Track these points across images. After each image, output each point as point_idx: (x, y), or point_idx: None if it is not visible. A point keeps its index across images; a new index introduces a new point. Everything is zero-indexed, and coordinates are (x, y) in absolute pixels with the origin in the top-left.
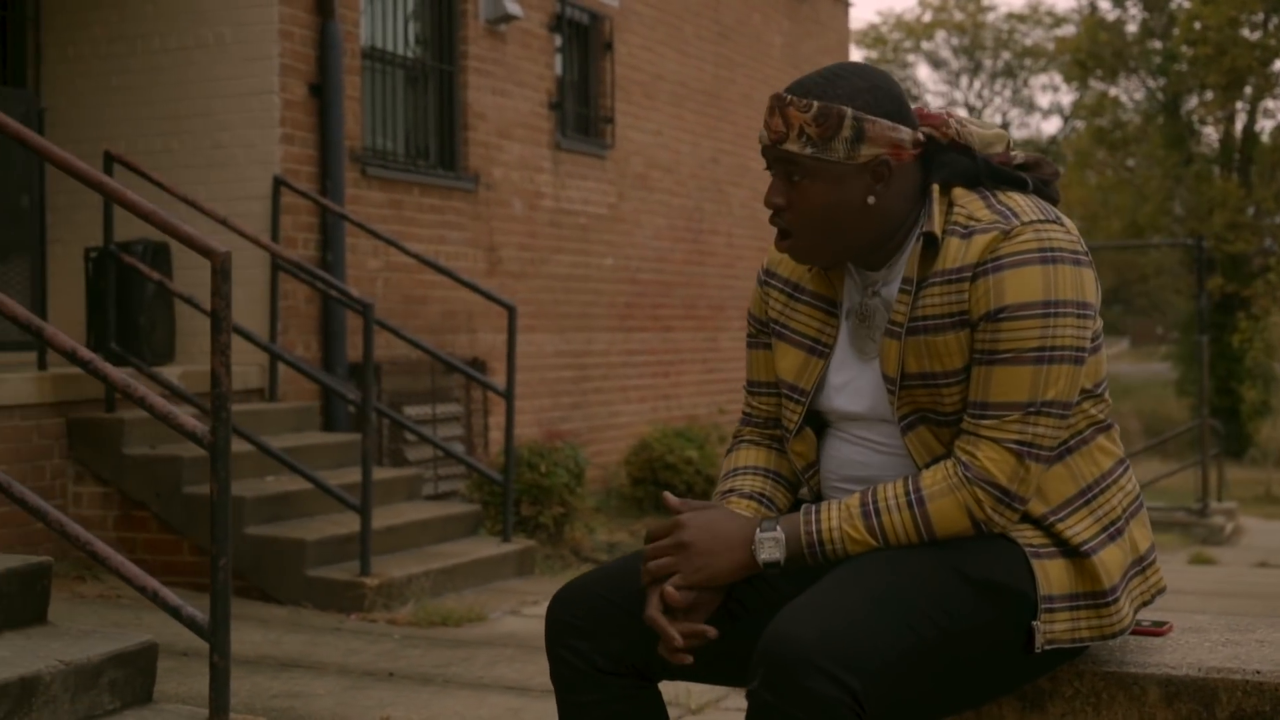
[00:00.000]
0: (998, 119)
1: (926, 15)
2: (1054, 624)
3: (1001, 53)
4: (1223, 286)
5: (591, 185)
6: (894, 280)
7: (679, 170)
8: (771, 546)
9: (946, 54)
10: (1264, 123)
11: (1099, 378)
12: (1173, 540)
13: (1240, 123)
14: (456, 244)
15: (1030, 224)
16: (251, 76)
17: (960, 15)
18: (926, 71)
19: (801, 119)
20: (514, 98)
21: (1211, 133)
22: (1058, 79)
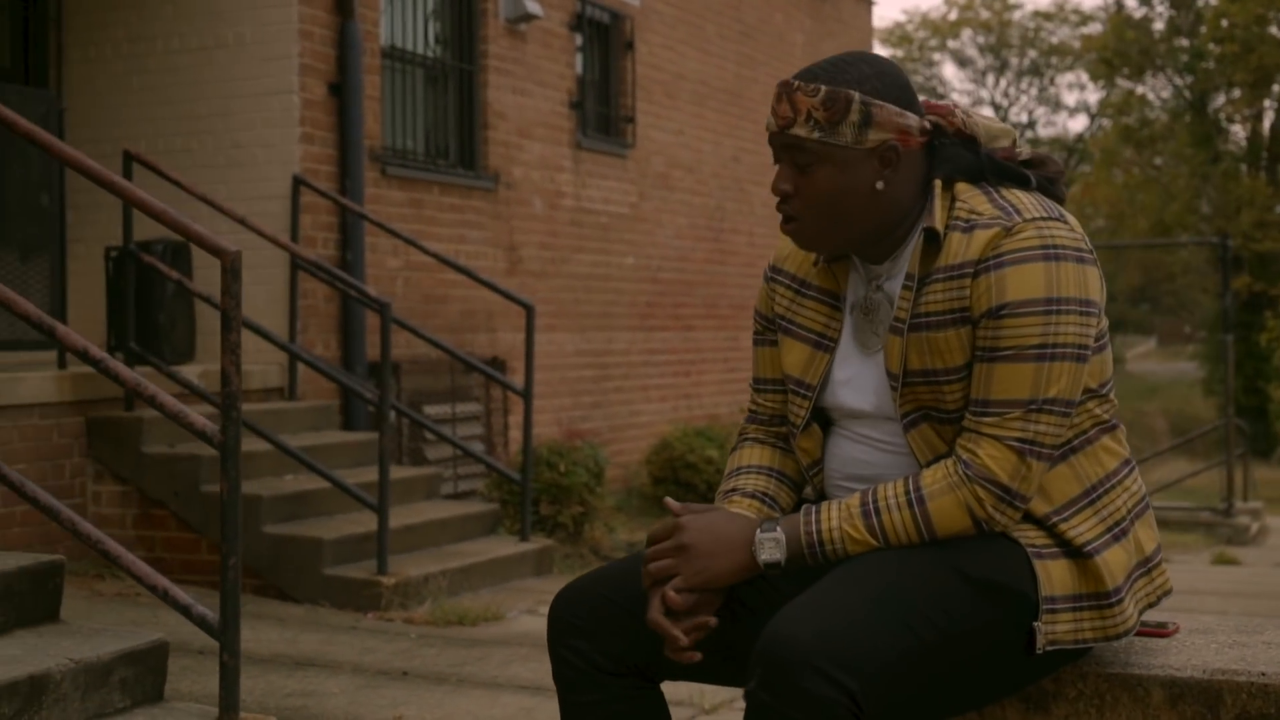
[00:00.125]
0: (1024, 117)
1: (952, 13)
2: (1056, 625)
3: (1028, 51)
4: (1250, 285)
5: (612, 184)
6: (898, 274)
7: (700, 169)
8: (772, 547)
9: (972, 52)
10: None
11: (1104, 377)
12: (1197, 540)
13: (1268, 120)
14: (476, 243)
15: (1033, 221)
16: (271, 76)
17: (986, 13)
18: (952, 70)
19: (809, 103)
20: (534, 97)
21: (1239, 130)
22: (1084, 77)
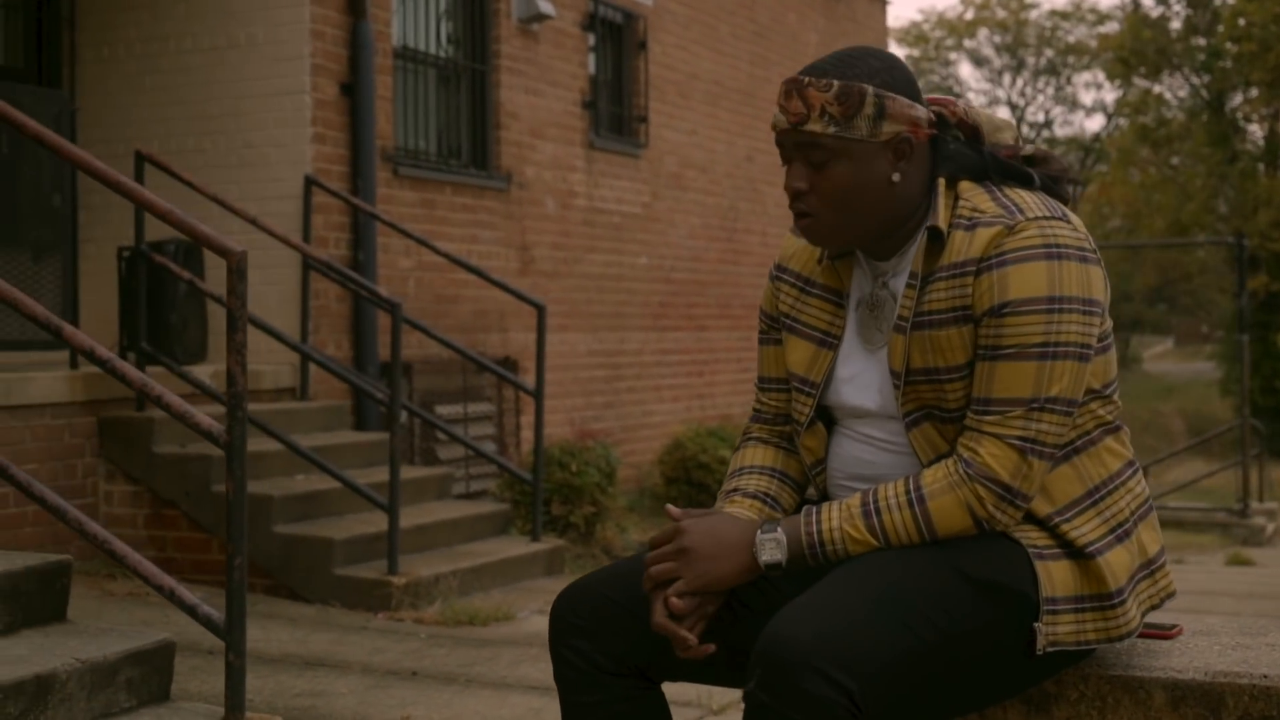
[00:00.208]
0: (1040, 117)
1: (969, 13)
2: (1057, 626)
3: (1044, 50)
4: (1267, 285)
5: (625, 184)
6: (902, 272)
7: (714, 169)
8: (773, 548)
9: (989, 52)
10: None
11: (1108, 379)
12: (1212, 541)
13: None
14: (489, 243)
15: (1035, 220)
16: (283, 76)
17: (1003, 13)
18: (969, 69)
19: (822, 99)
20: (547, 97)
21: (1256, 130)
22: (1101, 76)
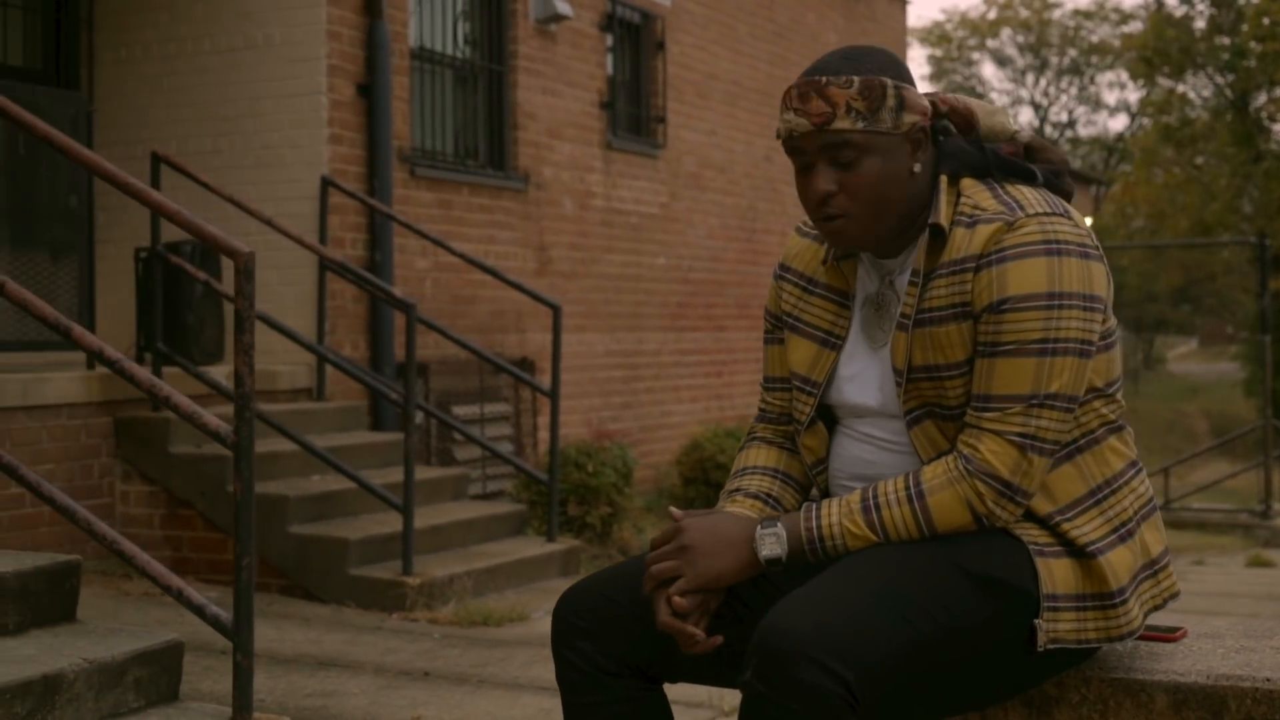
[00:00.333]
0: (1064, 116)
1: (992, 12)
2: (1058, 623)
3: (1068, 50)
4: None
5: (643, 185)
6: (907, 270)
7: (732, 169)
8: (772, 543)
9: (1012, 51)
10: None
11: (1111, 377)
12: (1234, 542)
13: None
14: (506, 244)
15: (1035, 216)
16: (299, 77)
17: (1026, 12)
18: (991, 69)
19: (846, 95)
20: (564, 97)
21: None
22: (1124, 76)
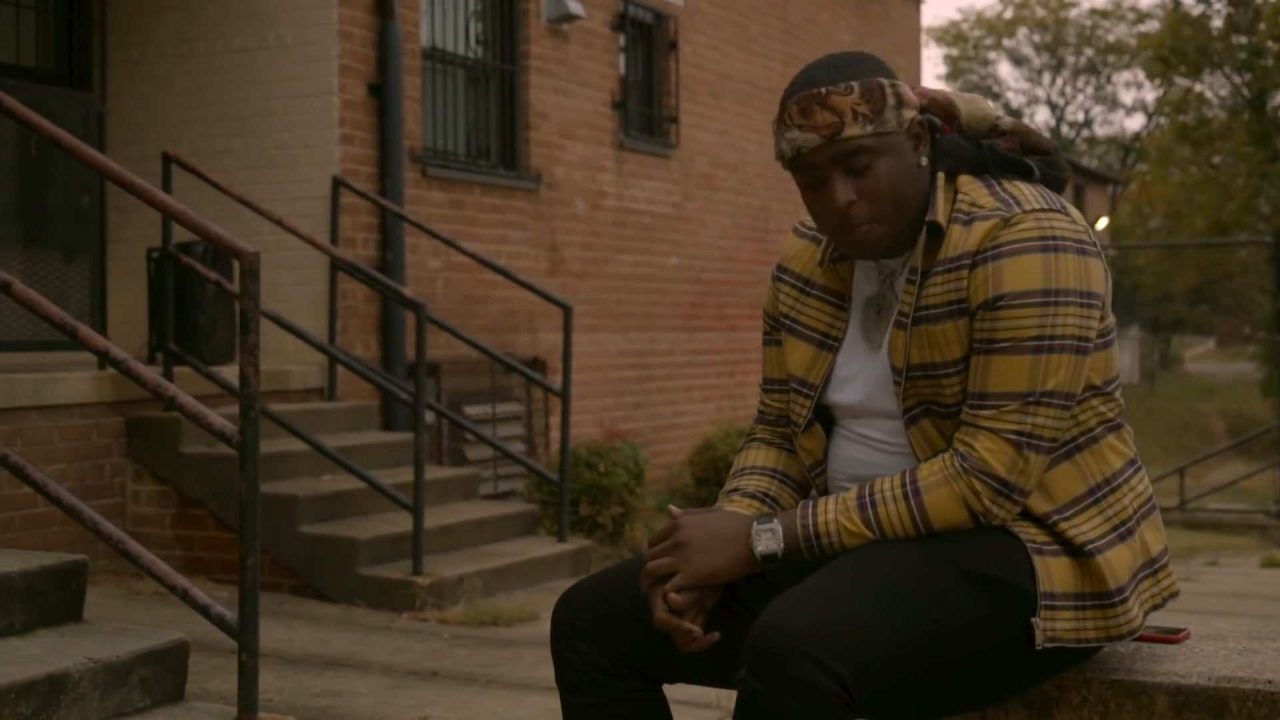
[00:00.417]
0: (1080, 116)
1: (1008, 12)
2: (1056, 622)
3: (1084, 49)
4: None
5: (656, 184)
6: (906, 269)
7: (745, 169)
8: (768, 539)
9: (1028, 51)
10: None
11: (1109, 375)
12: (1249, 543)
13: None
14: (518, 243)
15: (1032, 212)
16: (311, 77)
17: (1042, 11)
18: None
19: (849, 102)
20: (576, 97)
21: None
22: (1141, 75)
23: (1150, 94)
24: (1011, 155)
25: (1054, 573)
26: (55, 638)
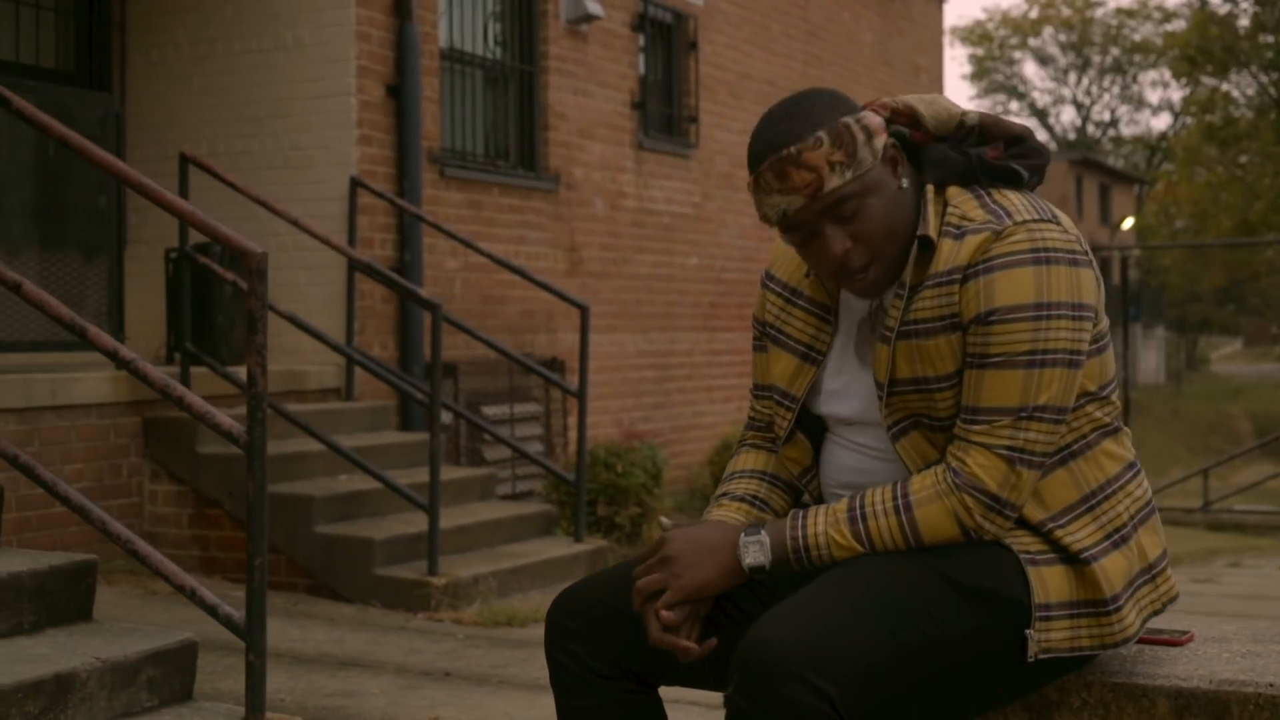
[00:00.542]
0: (1106, 115)
1: (1034, 11)
2: (1050, 632)
3: (1110, 48)
4: None
5: (675, 185)
6: (896, 284)
7: None
8: (756, 550)
9: (1054, 50)
10: None
11: (1104, 379)
12: (1272, 545)
13: None
14: (536, 244)
15: (1023, 224)
16: (329, 78)
17: (1068, 11)
18: (1033, 68)
19: (822, 155)
20: (595, 98)
21: None
22: (1167, 75)
23: (1176, 93)
24: (999, 163)
25: (1049, 582)
26: (64, 637)
